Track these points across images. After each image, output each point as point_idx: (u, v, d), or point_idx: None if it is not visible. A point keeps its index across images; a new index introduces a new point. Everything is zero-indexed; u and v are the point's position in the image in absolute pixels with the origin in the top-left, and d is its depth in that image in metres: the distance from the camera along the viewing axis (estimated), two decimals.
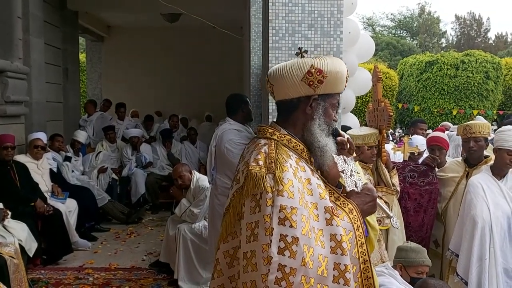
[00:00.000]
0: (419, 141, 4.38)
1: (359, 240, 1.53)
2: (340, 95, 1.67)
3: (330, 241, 1.47)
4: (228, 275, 1.56)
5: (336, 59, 1.61)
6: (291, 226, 1.40)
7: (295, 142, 1.58)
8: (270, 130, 1.60)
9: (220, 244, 1.58)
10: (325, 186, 1.58)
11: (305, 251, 1.40)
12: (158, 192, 7.12)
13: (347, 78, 1.63)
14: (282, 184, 1.44)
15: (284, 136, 1.58)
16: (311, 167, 1.59)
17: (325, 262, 1.44)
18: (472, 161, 3.46)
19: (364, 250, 1.54)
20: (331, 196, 1.57)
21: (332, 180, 1.64)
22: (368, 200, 1.61)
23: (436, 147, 3.77)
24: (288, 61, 1.62)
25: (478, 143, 3.36)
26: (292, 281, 1.38)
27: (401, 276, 2.67)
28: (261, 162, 1.50)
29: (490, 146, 3.45)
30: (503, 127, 3.26)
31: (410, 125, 6.30)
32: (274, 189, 1.44)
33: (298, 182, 1.47)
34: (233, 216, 1.53)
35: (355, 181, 1.59)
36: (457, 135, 3.63)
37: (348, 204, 1.57)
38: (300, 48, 1.65)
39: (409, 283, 2.61)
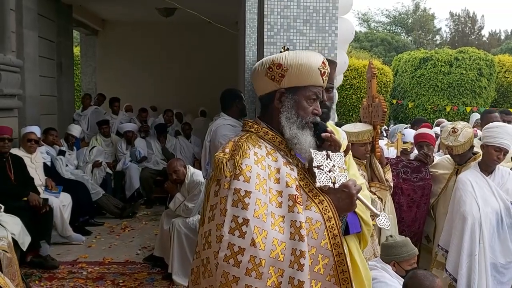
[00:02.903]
0: (412, 136, 4.42)
1: (330, 232, 1.55)
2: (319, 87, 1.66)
3: (290, 228, 1.51)
4: None
5: (303, 52, 1.64)
6: (243, 208, 1.47)
7: (272, 135, 1.65)
8: (250, 124, 1.69)
9: (200, 227, 1.67)
10: (303, 178, 1.62)
11: (255, 233, 1.46)
12: (153, 187, 7.12)
13: (321, 70, 1.63)
14: (239, 169, 1.52)
15: (262, 129, 1.66)
16: (290, 159, 1.64)
17: (281, 246, 1.48)
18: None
19: (338, 242, 1.56)
20: (306, 188, 1.61)
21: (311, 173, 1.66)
22: (344, 197, 1.60)
23: (424, 143, 3.82)
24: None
25: (462, 157, 3.41)
26: (240, 260, 1.44)
27: (395, 272, 2.71)
28: (227, 150, 1.60)
29: (479, 142, 3.47)
30: (490, 124, 3.30)
31: (412, 123, 6.34)
32: (231, 173, 1.52)
33: (260, 169, 1.54)
34: (206, 201, 1.62)
35: (334, 177, 1.58)
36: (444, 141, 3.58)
37: (319, 196, 1.61)
38: (283, 47, 1.69)
39: (404, 276, 2.64)
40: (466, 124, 3.41)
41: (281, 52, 1.67)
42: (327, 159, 1.60)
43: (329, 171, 1.58)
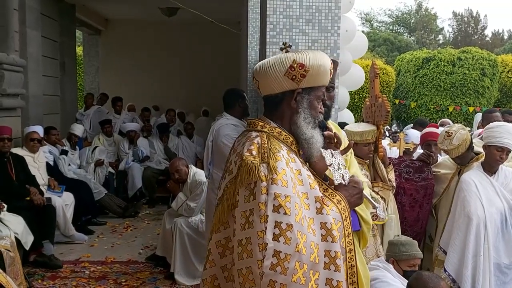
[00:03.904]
0: (415, 135, 4.42)
1: (346, 230, 1.59)
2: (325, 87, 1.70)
3: (321, 229, 1.51)
4: (220, 265, 1.58)
5: (319, 53, 1.64)
6: (285, 213, 1.44)
7: (285, 135, 1.62)
8: (260, 123, 1.64)
9: (212, 234, 1.61)
10: (314, 178, 1.63)
11: (298, 238, 1.44)
12: (155, 186, 7.13)
13: (331, 71, 1.66)
14: (276, 173, 1.47)
15: (275, 129, 1.62)
16: (300, 159, 1.63)
17: (317, 249, 1.49)
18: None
19: (351, 240, 1.60)
20: (320, 188, 1.61)
21: (318, 173, 1.68)
22: (355, 193, 1.67)
23: (432, 142, 3.80)
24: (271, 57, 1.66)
25: (463, 158, 3.40)
26: (287, 267, 1.42)
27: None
28: (254, 152, 1.53)
29: (480, 142, 3.46)
30: (491, 124, 3.28)
31: (413, 124, 6.34)
32: (268, 177, 1.47)
33: (290, 172, 1.51)
34: (226, 206, 1.56)
35: (342, 174, 1.63)
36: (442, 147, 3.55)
37: (336, 196, 1.62)
38: (284, 43, 1.67)
39: (402, 276, 2.64)
40: (460, 126, 3.38)
41: (282, 49, 1.65)
42: (332, 158, 1.63)
43: (338, 169, 1.63)
